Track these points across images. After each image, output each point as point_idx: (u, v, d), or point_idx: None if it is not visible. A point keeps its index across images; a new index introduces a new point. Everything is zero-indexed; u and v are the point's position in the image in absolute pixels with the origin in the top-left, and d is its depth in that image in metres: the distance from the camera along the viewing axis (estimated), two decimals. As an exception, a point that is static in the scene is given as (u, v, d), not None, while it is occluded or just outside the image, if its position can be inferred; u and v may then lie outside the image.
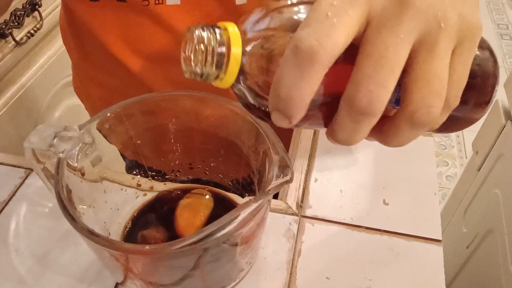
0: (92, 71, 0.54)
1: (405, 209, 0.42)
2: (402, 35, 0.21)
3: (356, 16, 0.21)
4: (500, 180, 0.79)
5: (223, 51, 0.22)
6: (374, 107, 0.21)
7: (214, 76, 0.23)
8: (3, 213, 0.42)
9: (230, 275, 0.36)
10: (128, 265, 0.31)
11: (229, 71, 0.23)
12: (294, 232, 0.40)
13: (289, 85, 0.21)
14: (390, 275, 0.37)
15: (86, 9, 0.47)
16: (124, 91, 0.52)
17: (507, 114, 0.77)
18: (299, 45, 0.20)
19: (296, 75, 0.21)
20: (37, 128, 0.31)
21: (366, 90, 0.21)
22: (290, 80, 0.21)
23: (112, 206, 0.39)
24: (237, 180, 0.41)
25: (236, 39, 0.23)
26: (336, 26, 0.20)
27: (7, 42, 0.85)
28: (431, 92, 0.21)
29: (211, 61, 0.22)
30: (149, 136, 0.39)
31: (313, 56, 0.20)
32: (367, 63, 0.21)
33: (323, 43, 0.20)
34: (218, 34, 0.23)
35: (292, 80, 0.21)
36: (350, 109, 0.21)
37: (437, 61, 0.21)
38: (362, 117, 0.21)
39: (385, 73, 0.21)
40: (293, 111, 0.22)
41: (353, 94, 0.21)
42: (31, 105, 0.93)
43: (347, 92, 0.21)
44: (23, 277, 0.37)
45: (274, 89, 0.22)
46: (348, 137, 0.23)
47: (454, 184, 1.03)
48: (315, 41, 0.20)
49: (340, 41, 0.20)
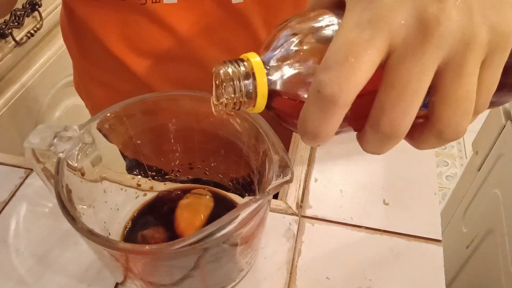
0: (92, 70, 0.54)
1: (405, 209, 0.42)
2: (425, 64, 0.20)
3: (377, 53, 0.20)
4: (500, 180, 0.80)
5: (250, 82, 0.23)
6: (398, 132, 0.21)
7: (245, 107, 0.24)
8: (3, 213, 0.42)
9: (230, 275, 0.36)
10: (128, 265, 0.31)
11: (258, 99, 0.24)
12: (294, 232, 0.40)
13: (314, 124, 0.22)
14: (390, 275, 0.37)
15: (86, 7, 0.47)
16: (124, 90, 0.52)
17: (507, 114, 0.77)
18: (321, 90, 0.21)
19: (320, 116, 0.21)
20: (37, 128, 0.31)
21: (389, 118, 0.21)
22: (314, 119, 0.22)
23: (112, 206, 0.39)
24: (237, 180, 0.41)
25: (260, 69, 0.23)
26: (356, 69, 0.20)
27: (7, 42, 0.85)
28: (459, 113, 0.21)
29: (240, 94, 0.24)
30: (149, 136, 0.39)
31: (333, 101, 0.21)
32: (390, 92, 0.21)
33: (344, 89, 0.20)
34: (242, 67, 0.23)
35: (317, 119, 0.22)
36: (375, 133, 0.22)
37: (465, 81, 0.21)
38: (387, 140, 0.22)
39: (408, 102, 0.21)
40: (320, 141, 0.23)
41: (377, 121, 0.21)
42: (31, 105, 0.93)
43: (371, 118, 0.22)
44: (23, 277, 0.37)
45: (301, 124, 0.23)
46: (375, 151, 0.24)
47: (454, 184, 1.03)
48: (337, 87, 0.20)
49: (361, 82, 0.21)
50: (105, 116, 0.34)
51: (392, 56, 0.21)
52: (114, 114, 0.35)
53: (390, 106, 0.21)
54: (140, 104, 0.36)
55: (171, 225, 0.39)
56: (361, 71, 0.20)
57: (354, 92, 0.21)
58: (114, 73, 0.51)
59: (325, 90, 0.20)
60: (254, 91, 0.24)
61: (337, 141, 0.47)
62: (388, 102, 0.21)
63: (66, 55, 0.58)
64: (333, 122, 0.22)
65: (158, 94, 0.36)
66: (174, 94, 0.37)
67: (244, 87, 0.23)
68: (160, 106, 0.37)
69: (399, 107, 0.21)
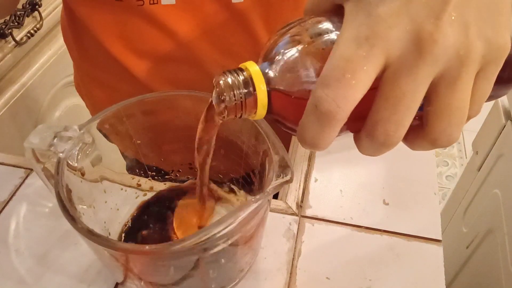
0: (92, 70, 0.54)
1: (405, 209, 0.42)
2: (419, 79, 0.21)
3: (373, 69, 0.21)
4: (500, 180, 0.80)
5: (250, 91, 0.24)
6: (391, 141, 0.22)
7: (247, 115, 0.25)
8: (3, 213, 0.42)
9: (230, 275, 0.36)
10: (128, 265, 0.31)
11: (258, 108, 0.24)
12: (294, 232, 0.40)
13: (312, 134, 0.23)
14: (390, 275, 0.37)
15: (85, 8, 0.47)
16: (124, 90, 0.52)
17: (507, 114, 0.77)
18: (318, 106, 0.21)
19: (317, 128, 0.22)
20: (37, 128, 0.31)
21: (384, 128, 0.22)
22: (312, 130, 0.22)
23: (112, 206, 0.39)
24: (237, 180, 0.41)
25: (259, 78, 0.24)
26: (353, 85, 0.21)
27: (7, 42, 0.85)
28: (451, 122, 0.22)
29: (240, 102, 0.24)
30: (149, 136, 0.39)
31: (330, 116, 0.21)
32: (384, 106, 0.21)
33: (341, 105, 0.21)
34: (241, 76, 0.24)
35: (315, 131, 0.22)
36: (371, 142, 0.23)
37: (459, 94, 0.21)
38: (380, 147, 0.23)
39: (401, 115, 0.21)
40: (319, 149, 0.24)
41: (372, 130, 0.22)
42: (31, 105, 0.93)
43: (367, 127, 0.23)
44: (23, 277, 0.37)
45: (300, 134, 0.23)
46: (371, 154, 0.24)
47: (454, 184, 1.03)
48: (334, 103, 0.21)
49: (358, 97, 0.21)
50: (105, 116, 0.34)
51: (388, 71, 0.21)
52: (114, 114, 0.35)
53: (384, 118, 0.22)
54: (140, 104, 0.36)
55: (170, 225, 0.39)
56: (357, 87, 0.21)
57: (351, 107, 0.21)
58: (114, 73, 0.51)
59: (323, 106, 0.21)
60: (254, 100, 0.24)
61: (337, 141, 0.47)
62: (383, 114, 0.22)
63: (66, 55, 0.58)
64: (331, 134, 0.22)
65: (158, 94, 0.36)
66: (174, 94, 0.37)
67: (244, 96, 0.24)
68: (160, 106, 0.37)
69: (393, 119, 0.21)
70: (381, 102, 0.22)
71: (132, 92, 0.38)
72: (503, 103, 0.78)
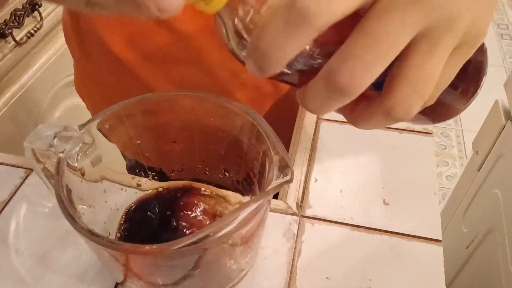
0: (93, 70, 0.54)
1: (405, 209, 0.42)
2: (407, 24, 0.19)
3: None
4: (500, 180, 0.80)
5: None
6: (352, 88, 0.20)
7: None
8: (3, 213, 0.42)
9: (230, 275, 0.36)
10: (128, 265, 0.31)
11: None
12: (294, 232, 0.40)
13: (272, 40, 0.19)
14: (390, 275, 0.37)
15: None
16: (125, 91, 0.52)
17: (507, 114, 0.77)
18: (295, 2, 0.19)
19: (282, 31, 0.19)
20: (37, 128, 0.31)
21: (350, 69, 0.19)
22: (274, 34, 0.19)
23: (112, 206, 0.39)
24: (237, 180, 0.41)
25: None
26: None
27: (7, 42, 0.85)
28: (417, 92, 0.21)
29: None
30: (149, 136, 0.39)
31: (307, 17, 0.18)
32: (361, 40, 0.19)
33: (322, 7, 0.18)
34: None
35: (277, 35, 0.19)
36: (327, 83, 0.20)
37: (434, 61, 0.20)
38: (337, 94, 0.20)
39: (376, 57, 0.19)
40: (268, 67, 0.20)
41: (335, 68, 0.20)
42: (31, 105, 0.93)
43: (330, 64, 0.20)
44: (23, 277, 0.37)
45: (255, 39, 0.20)
46: (316, 107, 0.22)
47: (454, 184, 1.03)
48: (314, 3, 0.18)
49: (340, 9, 0.19)
50: (105, 116, 0.34)
51: (377, 4, 0.20)
52: (114, 114, 0.35)
53: (355, 56, 0.19)
54: (140, 104, 0.36)
55: (170, 225, 0.39)
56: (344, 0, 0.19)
57: (328, 18, 0.19)
58: (117, 75, 0.51)
59: (301, 3, 0.18)
60: None
61: (337, 141, 0.47)
62: (355, 50, 0.19)
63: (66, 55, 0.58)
64: (293, 45, 0.19)
65: (158, 94, 0.36)
66: (174, 94, 0.37)
67: None
68: (160, 106, 0.37)
69: (364, 59, 0.19)
70: (357, 36, 0.19)
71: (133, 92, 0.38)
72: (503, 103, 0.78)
